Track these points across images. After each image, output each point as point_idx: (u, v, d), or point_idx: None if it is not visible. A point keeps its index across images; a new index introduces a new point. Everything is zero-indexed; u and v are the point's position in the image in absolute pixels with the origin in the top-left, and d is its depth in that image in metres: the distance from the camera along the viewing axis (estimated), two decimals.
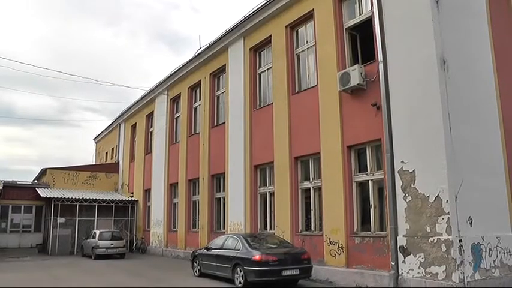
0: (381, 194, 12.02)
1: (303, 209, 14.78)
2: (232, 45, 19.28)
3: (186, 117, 23.24)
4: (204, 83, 21.63)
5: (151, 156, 27.17)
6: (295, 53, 15.94)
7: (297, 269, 11.96)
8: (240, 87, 18.38)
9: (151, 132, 28.06)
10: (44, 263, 20.10)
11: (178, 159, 23.43)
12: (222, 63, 20.24)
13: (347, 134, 12.96)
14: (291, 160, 15.16)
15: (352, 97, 12.86)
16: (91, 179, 31.30)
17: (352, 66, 12.80)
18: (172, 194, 24.39)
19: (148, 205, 27.30)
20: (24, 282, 14.19)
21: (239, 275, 12.34)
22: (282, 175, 15.45)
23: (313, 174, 14.52)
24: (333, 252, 12.81)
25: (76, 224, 26.02)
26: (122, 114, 33.31)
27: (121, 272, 16.99)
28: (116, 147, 34.78)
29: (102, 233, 23.16)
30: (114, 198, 28.24)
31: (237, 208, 17.66)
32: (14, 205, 27.49)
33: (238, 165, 17.90)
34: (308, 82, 15.33)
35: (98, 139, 42.37)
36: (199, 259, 14.91)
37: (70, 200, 26.04)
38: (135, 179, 29.62)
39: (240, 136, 18.02)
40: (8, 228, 27.23)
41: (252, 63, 18.16)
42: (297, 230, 14.61)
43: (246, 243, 12.68)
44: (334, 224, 12.89)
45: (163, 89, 25.68)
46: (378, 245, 11.53)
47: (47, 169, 30.47)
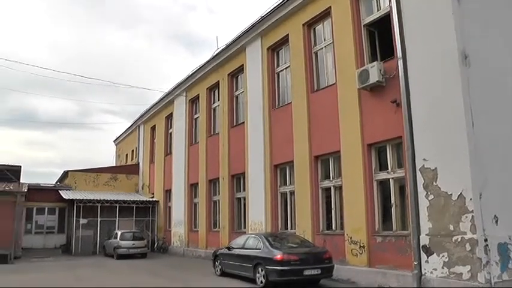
0: (402, 192, 11.87)
1: (324, 208, 14.67)
2: (249, 45, 19.26)
3: (205, 117, 23.33)
4: (223, 84, 21.67)
5: (171, 157, 27.34)
6: (313, 51, 15.84)
7: (319, 268, 11.88)
8: (258, 86, 18.35)
9: (171, 133, 28.24)
10: (68, 263, 20.41)
11: (198, 160, 23.53)
12: (239, 64, 20.24)
13: (367, 132, 12.81)
14: (311, 159, 15.07)
15: (371, 94, 12.71)
16: (112, 181, 31.66)
17: (371, 63, 12.67)
18: (193, 194, 24.50)
19: (169, 205, 27.49)
20: (49, 282, 14.40)
21: (260, 274, 12.31)
22: (302, 174, 15.37)
23: (334, 173, 14.41)
24: (354, 251, 12.69)
25: (98, 225, 26.35)
26: (141, 116, 33.66)
27: (143, 271, 17.13)
28: (136, 149, 35.13)
29: (123, 233, 23.42)
30: (135, 199, 28.52)
31: (257, 208, 17.65)
32: (38, 207, 27.90)
33: (258, 164, 17.87)
34: (326, 80, 15.20)
35: (118, 141, 42.88)
36: (221, 259, 14.95)
37: (92, 202, 26.38)
38: (155, 180, 29.86)
39: (259, 135, 17.99)
40: (33, 230, 27.67)
41: (269, 62, 18.11)
42: (318, 230, 14.52)
43: (267, 243, 12.65)
44: (355, 223, 12.77)
45: (182, 91, 25.81)
46: (400, 244, 11.37)
47: (68, 171, 30.95)
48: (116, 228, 25.69)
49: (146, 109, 32.19)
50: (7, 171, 21.46)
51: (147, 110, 32.05)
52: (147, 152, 32.17)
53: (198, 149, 23.72)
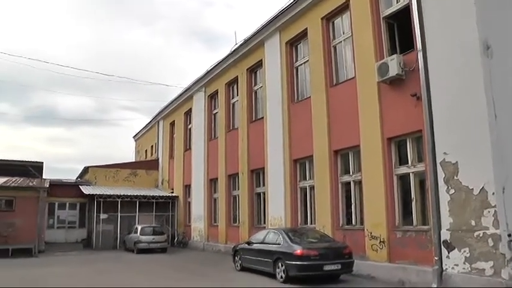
0: (423, 186, 11.72)
1: (344, 203, 14.58)
2: (268, 39, 19.21)
3: (224, 113, 23.38)
4: (241, 79, 21.68)
5: (191, 153, 27.49)
6: (332, 45, 15.72)
7: (339, 263, 11.84)
8: (277, 81, 18.30)
9: (190, 129, 28.39)
10: (90, 257, 20.78)
11: (217, 155, 23.62)
12: (258, 58, 20.21)
13: (387, 126, 12.67)
14: (331, 153, 14.98)
15: (391, 88, 12.56)
16: (132, 176, 31.99)
17: (390, 56, 12.51)
18: (213, 189, 24.62)
19: (189, 200, 27.68)
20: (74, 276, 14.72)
21: (280, 269, 12.32)
22: (321, 169, 15.29)
23: (353, 167, 14.30)
24: (374, 246, 12.58)
25: (118, 220, 26.63)
26: (160, 112, 33.90)
27: (163, 266, 17.31)
28: (155, 145, 35.43)
29: (143, 228, 23.61)
30: (155, 194, 28.74)
31: (277, 203, 17.63)
32: (59, 202, 28.44)
33: (277, 159, 17.85)
34: (346, 74, 15.07)
35: (137, 137, 43.32)
36: (241, 253, 15.00)
37: (112, 197, 26.71)
38: (175, 175, 30.07)
39: (278, 130, 17.95)
40: (55, 224, 28.21)
41: (288, 57, 18.05)
42: (338, 225, 14.45)
43: (287, 238, 12.65)
44: (375, 218, 12.66)
45: (201, 86, 25.89)
46: (421, 239, 11.23)
47: (89, 167, 31.39)
48: (136, 223, 25.96)
49: (165, 105, 32.42)
50: (30, 167, 21.85)
51: (166, 106, 32.27)
52: (167, 148, 32.41)
53: (218, 144, 23.80)
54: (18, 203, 23.71)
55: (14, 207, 23.69)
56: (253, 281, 12.86)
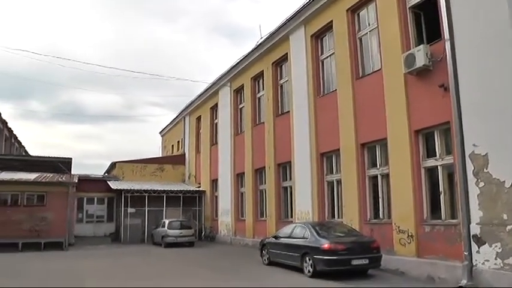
0: (451, 179, 11.45)
1: (371, 197, 14.41)
2: (293, 33, 19.09)
3: (250, 107, 23.39)
4: (267, 73, 21.62)
5: (217, 147, 27.62)
6: (358, 36, 15.51)
7: (367, 258, 11.73)
8: (303, 75, 18.19)
9: (216, 123, 28.52)
10: (118, 251, 21.20)
11: (244, 149, 23.67)
12: (283, 52, 20.11)
13: (414, 118, 12.44)
14: (357, 147, 14.82)
15: (418, 79, 12.31)
16: (158, 171, 32.35)
17: (417, 47, 12.25)
18: (239, 184, 24.69)
19: (216, 195, 27.85)
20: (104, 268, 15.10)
21: (308, 263, 12.27)
22: (348, 162, 15.16)
23: (380, 160, 14.11)
24: (402, 241, 12.39)
25: (146, 214, 27.01)
26: (186, 108, 34.11)
27: (190, 260, 17.47)
28: (182, 140, 35.66)
29: (171, 222, 23.84)
30: (182, 189, 29.03)
31: (304, 197, 17.57)
32: (88, 197, 28.93)
33: (304, 153, 17.77)
34: (372, 66, 14.85)
35: (163, 132, 43.69)
36: (268, 248, 15.00)
37: (139, 192, 27.11)
38: (201, 169, 30.26)
39: (304, 124, 17.87)
40: (84, 219, 28.74)
41: (314, 50, 17.91)
42: (366, 218, 14.30)
43: (314, 232, 12.59)
44: (403, 212, 12.47)
45: (226, 81, 25.95)
46: (450, 233, 10.99)
47: (116, 163, 31.89)
48: (163, 217, 26.24)
49: (191, 100, 32.59)
50: (59, 163, 22.41)
51: (192, 101, 32.44)
52: (193, 143, 32.63)
53: (244, 138, 23.85)
54: (49, 198, 24.40)
55: (45, 202, 24.40)
56: (281, 276, 12.83)
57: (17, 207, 23.90)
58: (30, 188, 24.58)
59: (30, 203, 24.51)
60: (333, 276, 11.62)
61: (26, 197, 24.47)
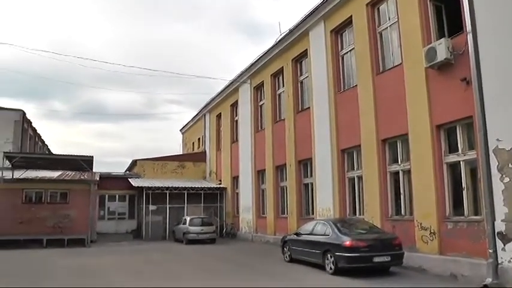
0: (474, 175, 11.24)
1: (392, 193, 14.26)
2: (312, 29, 18.98)
3: (271, 104, 23.35)
4: (287, 69, 21.56)
5: (238, 144, 27.68)
6: (378, 31, 15.35)
7: (388, 255, 11.59)
8: (323, 71, 18.08)
9: (237, 120, 28.59)
10: (140, 248, 21.42)
11: (264, 146, 23.66)
12: (303, 48, 20.02)
13: (435, 113, 12.24)
14: (378, 142, 14.69)
15: (439, 73, 12.11)
16: (179, 168, 32.57)
17: (438, 40, 12.05)
18: (260, 181, 24.72)
19: (237, 192, 27.96)
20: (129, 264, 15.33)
21: (329, 261, 12.20)
22: (369, 158, 15.03)
23: (402, 156, 13.95)
24: (424, 238, 12.22)
25: (167, 211, 27.27)
26: (206, 105, 34.27)
27: (212, 257, 17.53)
28: (202, 137, 35.87)
29: (192, 219, 23.97)
30: (203, 186, 29.23)
31: (325, 193, 17.49)
32: (109, 194, 29.33)
33: (325, 149, 17.69)
34: (392, 61, 14.67)
35: (184, 130, 43.96)
36: (289, 245, 14.97)
37: (160, 189, 27.40)
38: (222, 167, 30.38)
39: (325, 120, 17.78)
40: (106, 216, 29.15)
41: (333, 45, 17.79)
42: (387, 215, 14.15)
43: (335, 229, 12.51)
44: (425, 208, 12.29)
45: (246, 78, 25.97)
46: (473, 230, 10.78)
47: (137, 160, 32.23)
48: (184, 214, 26.43)
49: (211, 98, 32.72)
50: (81, 161, 22.81)
51: (212, 98, 32.58)
52: (214, 140, 32.78)
53: (264, 135, 23.83)
54: (71, 196, 24.85)
55: (68, 200, 24.85)
56: (303, 273, 12.76)
57: (41, 205, 24.44)
58: (54, 186, 25.11)
59: (53, 200, 25.03)
60: (354, 273, 11.52)
61: (49, 195, 24.97)
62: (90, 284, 11.21)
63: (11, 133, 30.74)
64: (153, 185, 27.58)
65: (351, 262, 11.55)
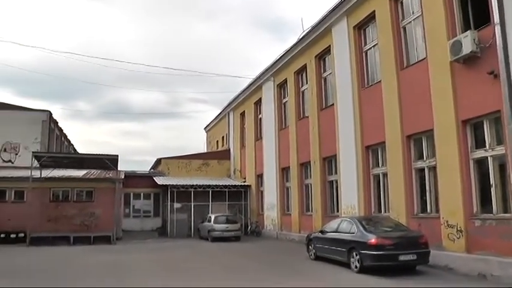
0: (503, 171, 10.92)
1: (418, 190, 14.01)
2: (335, 25, 18.80)
3: (294, 101, 23.26)
4: (310, 66, 21.43)
5: (262, 142, 27.63)
6: (401, 25, 15.10)
7: (414, 254, 11.37)
8: (346, 67, 17.93)
9: (260, 118, 28.53)
10: (165, 245, 21.62)
11: (288, 144, 23.58)
12: (326, 45, 19.86)
13: (461, 108, 11.96)
14: (403, 139, 14.46)
15: (465, 67, 11.83)
16: (204, 166, 32.78)
17: (463, 33, 11.75)
18: (285, 178, 24.64)
19: (261, 189, 27.92)
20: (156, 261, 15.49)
21: (355, 259, 12.06)
22: (394, 155, 14.81)
23: (427, 152, 13.70)
24: (451, 236, 11.94)
25: (192, 209, 27.45)
26: (230, 104, 34.35)
27: (236, 254, 17.56)
28: (226, 135, 35.98)
29: (217, 217, 24.05)
30: (227, 184, 29.38)
31: (350, 191, 17.34)
32: (134, 193, 29.74)
33: (349, 146, 17.54)
34: (416, 55, 14.41)
35: (208, 128, 44.22)
36: (314, 242, 14.87)
37: (185, 187, 27.62)
38: (247, 164, 30.41)
39: (349, 117, 17.62)
40: (131, 214, 29.56)
41: (357, 41, 17.62)
42: (413, 213, 13.92)
43: (361, 227, 12.37)
44: (451, 206, 12.02)
45: (269, 76, 25.92)
46: (502, 228, 10.47)
47: (161, 159, 32.60)
48: (209, 212, 26.55)
49: (235, 96, 32.76)
50: (106, 160, 23.16)
51: (235, 97, 32.63)
52: (238, 138, 32.81)
53: (288, 133, 23.75)
54: (97, 194, 25.35)
55: (94, 198, 25.34)
56: (328, 271, 12.65)
57: (67, 203, 25.05)
58: (80, 185, 25.68)
59: (79, 198, 25.60)
60: (380, 271, 11.34)
61: (75, 193, 25.55)
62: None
63: (39, 133, 31.47)
64: (178, 183, 27.83)
65: (376, 260, 11.38)
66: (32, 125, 31.12)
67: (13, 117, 30.31)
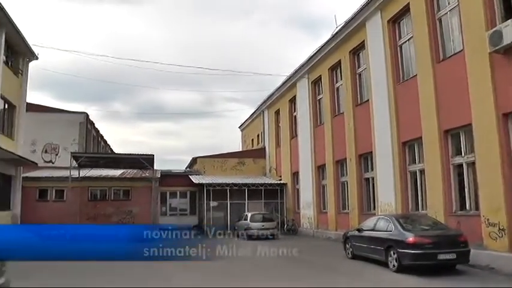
0: None
1: (456, 187, 13.62)
2: (369, 19, 18.52)
3: (329, 98, 23.04)
4: (344, 62, 21.18)
5: (297, 140, 27.51)
6: (437, 17, 14.71)
7: (454, 253, 11.00)
8: (381, 62, 17.65)
9: (295, 116, 28.41)
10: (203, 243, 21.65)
11: (324, 141, 23.38)
12: (360, 40, 19.61)
13: (501, 101, 11.52)
14: (440, 134, 14.08)
15: (505, 58, 11.42)
16: (239, 165, 32.94)
17: (504, 23, 11.33)
18: (321, 176, 24.48)
19: (297, 188, 27.86)
20: None
21: (393, 258, 11.82)
22: (431, 151, 14.47)
23: (465, 148, 13.30)
24: (493, 234, 11.53)
25: (228, 207, 27.77)
26: (264, 102, 34.32)
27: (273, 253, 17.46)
28: (261, 134, 35.97)
29: (253, 215, 24.04)
30: (263, 182, 29.43)
31: (386, 188, 17.06)
32: (170, 191, 30.12)
33: (385, 143, 17.29)
34: (453, 48, 14.01)
35: (243, 127, 44.33)
36: (351, 241, 14.67)
37: (221, 185, 27.90)
38: (282, 163, 30.33)
39: (385, 112, 17.34)
40: (167, 212, 29.96)
41: (391, 35, 17.31)
42: (451, 210, 13.54)
43: (398, 225, 12.11)
44: (492, 203, 11.60)
45: (304, 73, 25.75)
46: None
47: (197, 158, 33.01)
48: (245, 210, 26.66)
49: (269, 94, 32.72)
50: (142, 159, 23.61)
51: (270, 95, 32.58)
52: (273, 136, 32.77)
53: (324, 130, 23.55)
54: (134, 193, 26.00)
55: (131, 197, 25.91)
56: (365, 270, 12.45)
57: (105, 202, 25.82)
58: (117, 184, 26.40)
59: (116, 197, 26.34)
60: (418, 271, 11.05)
61: (113, 192, 26.17)
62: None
63: (77, 134, 32.50)
64: (214, 182, 28.11)
65: (414, 259, 11.10)
66: (70, 127, 32.22)
67: (53, 119, 31.36)
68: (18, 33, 20.43)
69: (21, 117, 22.29)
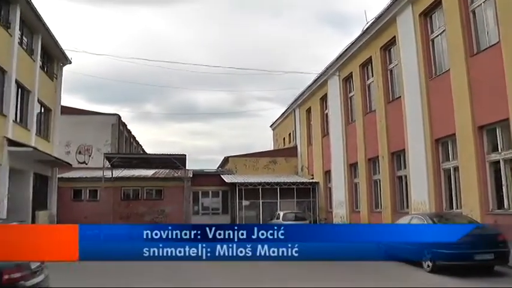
0: None
1: (493, 185, 13.19)
2: (400, 14, 18.16)
3: (360, 95, 22.74)
4: (375, 59, 20.85)
5: (329, 138, 27.28)
6: (470, 9, 14.28)
7: (491, 253, 10.61)
8: (412, 57, 17.29)
9: (327, 114, 28.13)
10: None
11: (356, 139, 23.10)
12: (391, 35, 19.26)
13: None
14: (475, 130, 13.70)
15: None
16: (271, 164, 32.91)
17: None
18: (353, 174, 24.22)
19: (329, 186, 27.64)
20: None
21: (427, 258, 11.50)
22: (465, 148, 14.09)
23: (502, 144, 12.89)
24: None
25: (260, 206, 27.83)
26: (295, 100, 34.16)
27: None
28: (293, 132, 35.83)
29: (286, 214, 24.02)
30: (295, 181, 29.33)
31: (419, 186, 16.72)
32: (202, 191, 30.30)
33: (418, 140, 16.95)
34: (488, 40, 13.57)
35: (274, 126, 44.26)
36: None
37: (253, 184, 27.98)
38: (314, 161, 30.14)
39: (417, 109, 17.00)
40: (200, 211, 30.15)
41: (423, 29, 16.94)
42: (487, 209, 13.12)
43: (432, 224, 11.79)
44: None
45: (335, 70, 25.50)
46: None
47: (229, 157, 33.17)
48: (277, 209, 26.60)
49: (300, 93, 32.56)
50: (174, 159, 23.87)
51: (301, 93, 32.41)
52: (304, 135, 32.58)
53: (355, 128, 23.26)
54: (166, 192, 26.37)
55: (163, 196, 26.25)
56: (399, 270, 12.12)
57: (138, 201, 26.29)
58: (149, 184, 26.87)
59: (149, 197, 26.78)
60: (454, 271, 10.71)
61: (145, 192, 26.58)
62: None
63: (109, 136, 33.16)
64: (246, 181, 28.23)
65: (449, 259, 10.72)
66: (103, 129, 32.90)
67: (86, 121, 32.05)
68: (53, 39, 21.03)
69: (56, 120, 22.97)
